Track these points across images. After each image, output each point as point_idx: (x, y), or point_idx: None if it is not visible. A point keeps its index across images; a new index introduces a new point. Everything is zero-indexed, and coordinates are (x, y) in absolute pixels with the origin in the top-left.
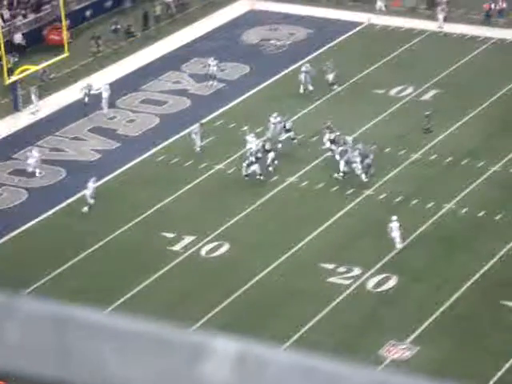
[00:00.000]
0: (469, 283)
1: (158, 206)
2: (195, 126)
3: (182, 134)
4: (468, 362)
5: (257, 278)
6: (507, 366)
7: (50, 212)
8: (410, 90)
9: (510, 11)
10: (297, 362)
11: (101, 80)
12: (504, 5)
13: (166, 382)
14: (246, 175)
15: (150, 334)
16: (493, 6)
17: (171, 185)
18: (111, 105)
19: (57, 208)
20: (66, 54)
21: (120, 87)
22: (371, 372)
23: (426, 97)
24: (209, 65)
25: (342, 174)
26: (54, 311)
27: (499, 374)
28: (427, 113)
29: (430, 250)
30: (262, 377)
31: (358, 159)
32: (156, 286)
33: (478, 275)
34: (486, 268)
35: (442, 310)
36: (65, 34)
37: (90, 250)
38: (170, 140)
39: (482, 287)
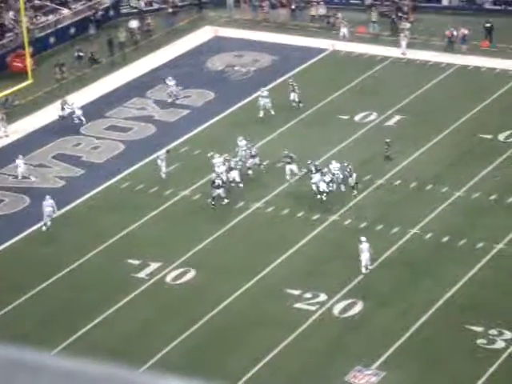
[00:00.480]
0: (433, 308)
1: (123, 232)
2: (161, 153)
3: (146, 160)
4: None
5: (223, 305)
6: None
7: (14, 240)
8: (374, 115)
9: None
10: None
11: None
12: (466, 31)
13: None
14: (213, 198)
15: (100, 376)
16: (454, 32)
17: (136, 211)
18: (77, 131)
19: (20, 236)
20: (29, 81)
21: (84, 114)
22: None
23: (390, 123)
24: (167, 85)
25: (324, 195)
26: (1, 355)
27: None
28: (387, 140)
29: (395, 275)
30: None
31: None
32: (121, 314)
33: (442, 300)
34: (449, 293)
35: (407, 335)
36: (28, 61)
37: (54, 278)
38: (135, 166)
39: (447, 312)
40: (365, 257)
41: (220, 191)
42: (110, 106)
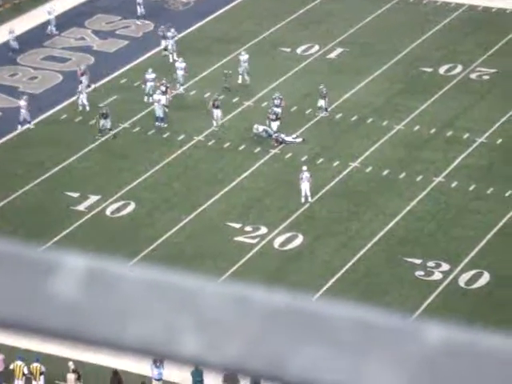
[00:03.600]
0: (373, 241)
1: (62, 165)
2: (81, 85)
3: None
4: None
5: (163, 238)
6: None
7: None
8: (316, 48)
9: None
10: (151, 277)
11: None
12: None
13: (9, 300)
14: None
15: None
16: None
17: (75, 144)
18: (13, 61)
19: None
20: None
21: (21, 43)
22: (233, 286)
23: (332, 55)
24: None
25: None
26: None
27: None
28: (226, 71)
29: (335, 208)
30: (113, 293)
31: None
32: (60, 246)
33: (382, 233)
34: (389, 226)
35: (347, 266)
36: None
37: None
38: (74, 98)
39: (386, 244)
40: (304, 187)
41: (103, 122)
42: (48, 35)
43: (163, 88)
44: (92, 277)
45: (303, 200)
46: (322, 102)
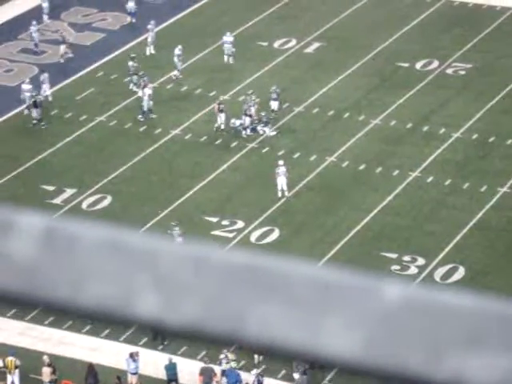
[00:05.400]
0: (349, 235)
1: (38, 158)
2: (43, 75)
3: (62, 84)
4: None
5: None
6: None
7: None
8: (293, 42)
9: None
10: (108, 237)
11: None
12: None
13: None
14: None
15: None
16: None
17: (51, 137)
18: None
19: None
20: None
21: None
22: (190, 246)
23: (310, 50)
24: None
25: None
26: None
27: None
28: (133, 55)
29: (312, 203)
30: (71, 252)
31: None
32: None
33: (358, 227)
34: (365, 220)
35: (323, 261)
36: None
37: None
38: (50, 91)
39: (362, 239)
40: (281, 181)
41: (34, 112)
42: (23, 28)
43: (142, 82)
44: (48, 236)
45: (280, 194)
46: (274, 104)
